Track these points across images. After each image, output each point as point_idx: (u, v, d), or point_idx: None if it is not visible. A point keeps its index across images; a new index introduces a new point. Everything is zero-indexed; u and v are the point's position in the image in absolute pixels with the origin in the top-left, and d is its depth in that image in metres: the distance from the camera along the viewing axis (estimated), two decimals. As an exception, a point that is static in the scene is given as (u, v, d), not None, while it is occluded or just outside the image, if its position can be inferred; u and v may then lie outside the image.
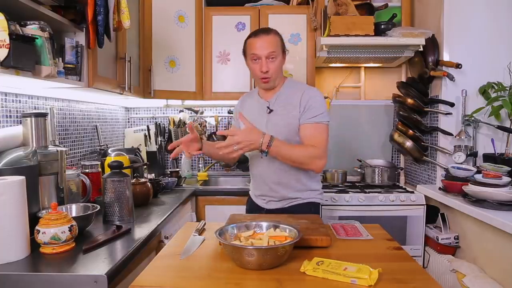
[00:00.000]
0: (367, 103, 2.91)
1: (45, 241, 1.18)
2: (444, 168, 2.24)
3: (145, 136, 2.90)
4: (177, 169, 2.73)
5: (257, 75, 1.63)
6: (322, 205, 2.28)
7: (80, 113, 2.27)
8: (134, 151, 2.44)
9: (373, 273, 0.94)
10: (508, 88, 2.13)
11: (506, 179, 1.86)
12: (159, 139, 2.93)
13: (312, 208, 1.70)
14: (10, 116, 1.65)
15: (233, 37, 2.66)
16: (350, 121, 2.88)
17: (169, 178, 2.47)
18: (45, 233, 1.17)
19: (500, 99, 2.07)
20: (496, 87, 2.16)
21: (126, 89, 2.05)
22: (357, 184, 2.66)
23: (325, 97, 2.83)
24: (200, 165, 2.98)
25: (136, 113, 3.06)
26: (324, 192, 2.35)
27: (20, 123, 1.50)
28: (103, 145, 2.48)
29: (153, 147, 2.90)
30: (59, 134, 2.02)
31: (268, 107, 1.66)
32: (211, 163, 3.01)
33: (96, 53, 1.72)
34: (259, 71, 1.61)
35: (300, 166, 1.58)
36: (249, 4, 2.73)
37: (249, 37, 1.66)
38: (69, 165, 2.01)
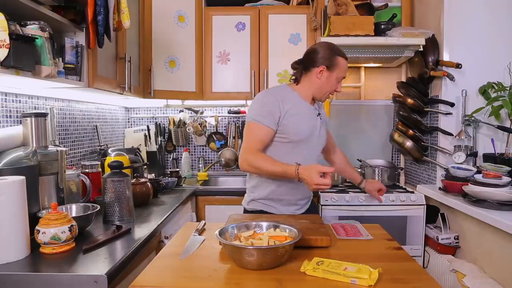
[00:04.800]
0: (367, 103, 2.91)
1: (45, 241, 1.18)
2: (444, 168, 2.24)
3: (145, 136, 2.90)
4: (177, 169, 2.73)
5: (329, 91, 1.69)
6: (322, 205, 2.30)
7: (80, 113, 2.27)
8: (134, 151, 2.44)
9: (373, 273, 0.94)
10: (508, 88, 2.13)
11: (506, 179, 1.86)
12: (159, 139, 2.93)
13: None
14: (10, 116, 1.65)
15: (233, 37, 2.66)
16: (350, 121, 2.89)
17: (169, 178, 2.47)
18: (45, 233, 1.17)
19: (500, 99, 2.07)
20: (496, 87, 2.16)
21: (126, 89, 2.05)
22: (357, 184, 2.65)
23: (325, 97, 2.84)
24: (200, 165, 2.98)
25: (136, 113, 3.06)
26: (324, 192, 2.37)
27: (20, 123, 1.50)
28: (103, 145, 2.48)
29: (153, 147, 2.90)
30: (59, 134, 2.02)
31: (319, 113, 1.74)
32: (211, 163, 3.01)
33: (96, 53, 1.71)
34: (334, 90, 1.69)
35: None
36: (249, 4, 2.73)
37: (342, 56, 1.66)
38: (69, 165, 2.01)
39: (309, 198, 1.79)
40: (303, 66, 1.68)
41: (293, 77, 1.73)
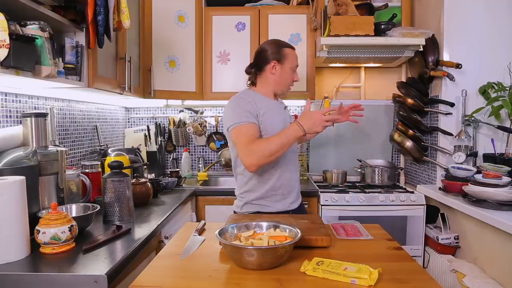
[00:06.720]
0: (367, 103, 2.90)
1: (45, 241, 1.18)
2: (444, 168, 2.24)
3: (145, 136, 2.90)
4: (177, 169, 2.73)
5: (289, 82, 1.77)
6: (322, 205, 2.30)
7: (80, 113, 2.27)
8: (134, 151, 2.44)
9: (373, 273, 0.94)
10: (508, 88, 2.13)
11: (506, 179, 1.86)
12: (159, 139, 2.93)
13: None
14: (10, 116, 1.65)
15: (233, 37, 2.66)
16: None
17: (169, 178, 2.47)
18: (45, 233, 1.17)
19: (500, 99, 2.07)
20: (496, 87, 2.16)
21: (126, 89, 2.05)
22: (357, 184, 2.66)
23: (325, 97, 2.85)
24: (200, 165, 2.98)
25: (136, 113, 3.06)
26: (324, 192, 2.37)
27: (20, 123, 1.50)
28: (103, 145, 2.48)
29: (153, 147, 2.90)
30: (59, 134, 2.02)
31: (286, 106, 1.84)
32: (211, 163, 3.01)
33: (96, 53, 1.71)
34: (292, 80, 1.77)
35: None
36: (249, 4, 2.73)
37: (288, 47, 1.75)
38: (69, 165, 2.01)
39: (298, 191, 1.81)
40: (256, 68, 1.75)
41: (249, 82, 1.80)
